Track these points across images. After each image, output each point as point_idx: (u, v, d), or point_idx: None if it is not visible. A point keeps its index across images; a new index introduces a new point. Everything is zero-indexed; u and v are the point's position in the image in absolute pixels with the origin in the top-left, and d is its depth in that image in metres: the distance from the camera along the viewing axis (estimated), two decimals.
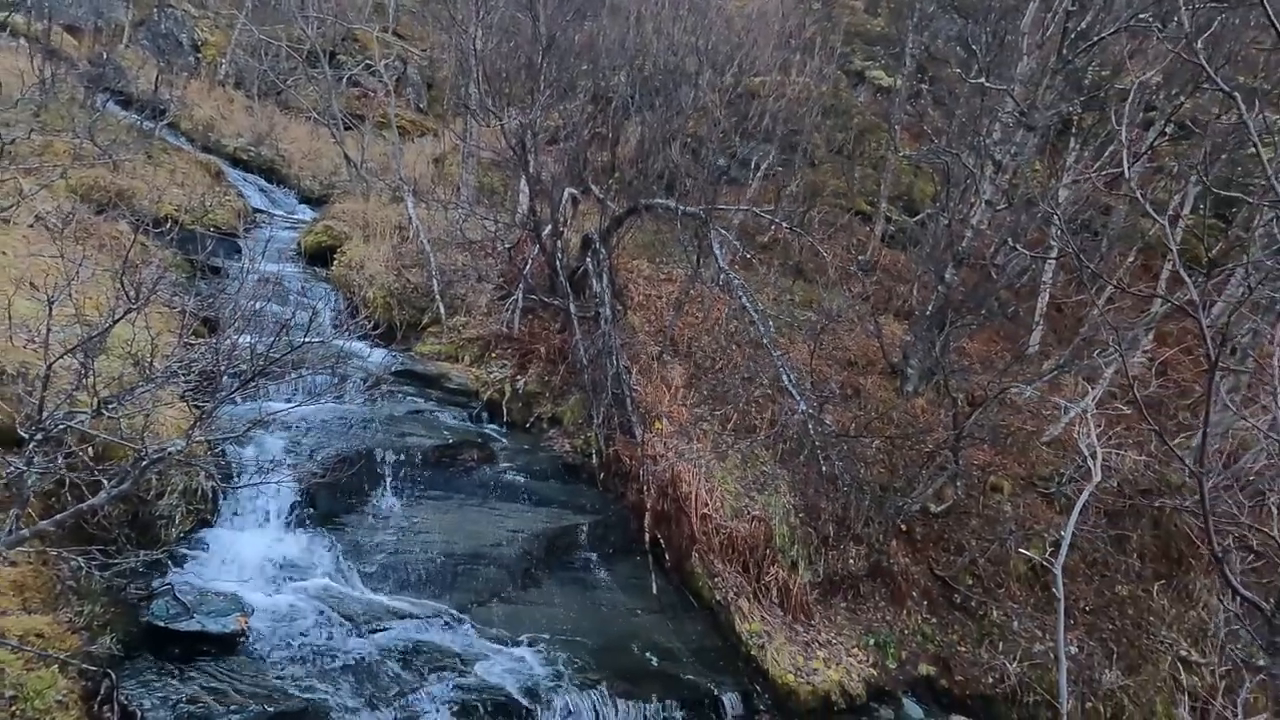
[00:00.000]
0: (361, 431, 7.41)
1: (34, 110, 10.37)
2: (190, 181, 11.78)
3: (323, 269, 11.11)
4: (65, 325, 4.72)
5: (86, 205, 9.10)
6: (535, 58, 10.50)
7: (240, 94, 17.83)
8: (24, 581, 4.67)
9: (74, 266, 4.37)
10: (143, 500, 5.59)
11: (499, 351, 9.66)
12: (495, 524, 7.11)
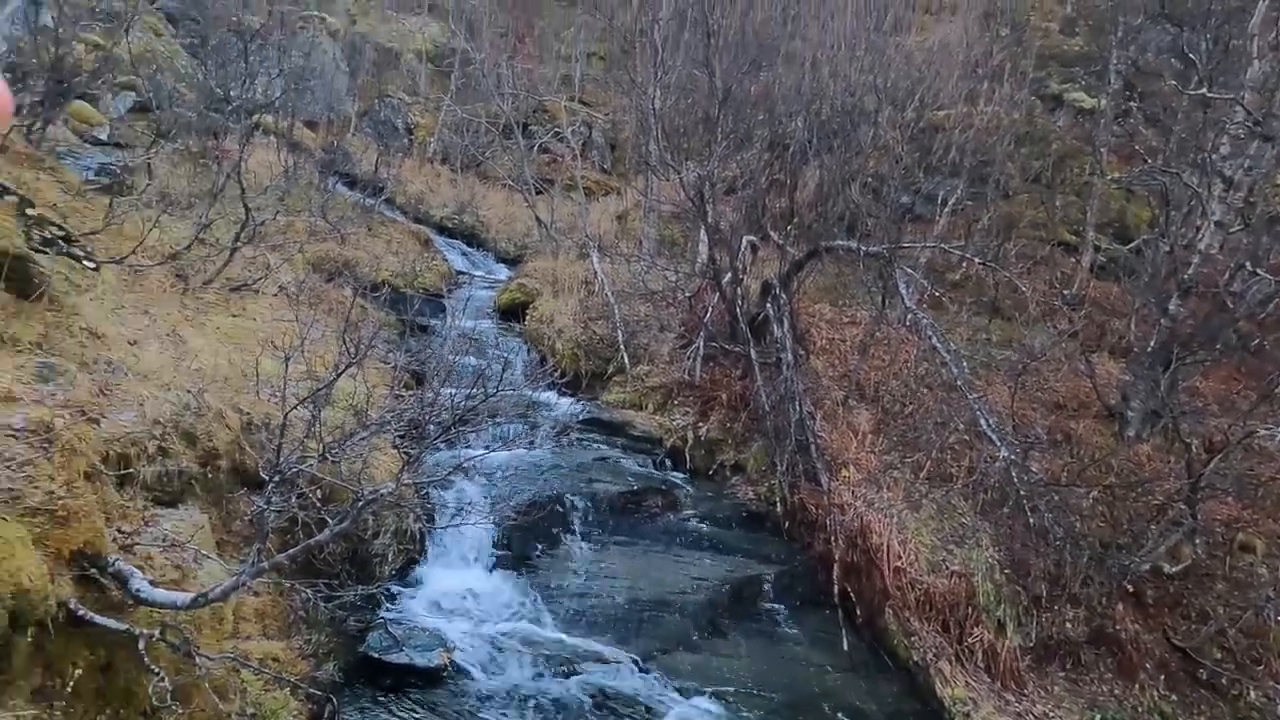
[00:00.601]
0: (552, 477, 7.72)
1: (280, 195, 11.93)
2: (403, 249, 13.03)
3: (516, 324, 11.83)
4: (299, 380, 5.31)
5: (318, 274, 10.29)
6: (712, 111, 10.74)
7: (446, 168, 19.59)
8: (264, 610, 5.22)
9: (306, 329, 4.93)
10: (361, 539, 6.11)
11: (681, 399, 9.78)
12: (680, 571, 7.12)
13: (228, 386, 5.73)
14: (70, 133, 12.40)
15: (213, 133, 12.31)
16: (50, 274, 5.41)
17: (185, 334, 6.39)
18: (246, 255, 8.46)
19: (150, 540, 4.24)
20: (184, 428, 5.09)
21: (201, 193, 9.37)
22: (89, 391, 4.69)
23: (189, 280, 7.59)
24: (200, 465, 5.10)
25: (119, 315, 5.97)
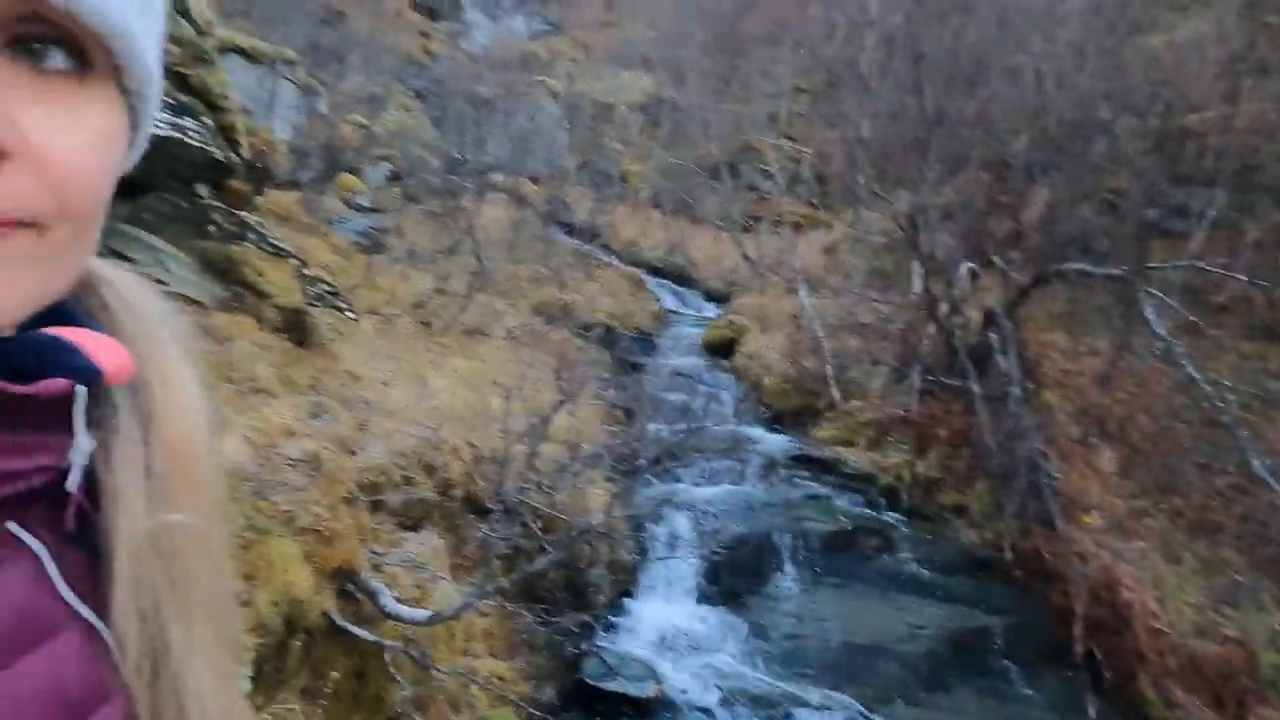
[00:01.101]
0: (761, 514, 7.67)
1: (507, 246, 13.00)
2: (617, 291, 13.67)
3: (724, 360, 11.96)
4: (521, 416, 5.74)
5: (540, 318, 11.06)
6: (921, 135, 10.35)
7: (657, 212, 20.35)
8: (491, 631, 5.63)
9: (527, 368, 5.33)
10: (577, 568, 6.42)
11: (896, 435, 9.36)
12: (896, 616, 6.77)
13: (462, 423, 6.31)
14: (339, 201, 14.30)
15: (451, 193, 13.71)
16: (320, 324, 6.27)
17: (427, 375, 7.12)
18: (479, 302, 9.29)
19: (396, 561, 4.73)
20: (425, 460, 5.66)
21: (441, 248, 10.44)
22: (349, 427, 5.36)
23: (431, 326, 8.46)
24: (438, 494, 5.64)
25: (373, 359, 6.77)
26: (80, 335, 0.51)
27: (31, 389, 0.44)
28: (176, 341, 0.59)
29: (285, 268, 6.30)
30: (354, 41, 20.11)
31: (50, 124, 0.40)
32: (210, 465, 0.58)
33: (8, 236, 0.40)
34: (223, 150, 5.58)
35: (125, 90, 0.45)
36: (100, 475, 0.53)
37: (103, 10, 0.40)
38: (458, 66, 24.74)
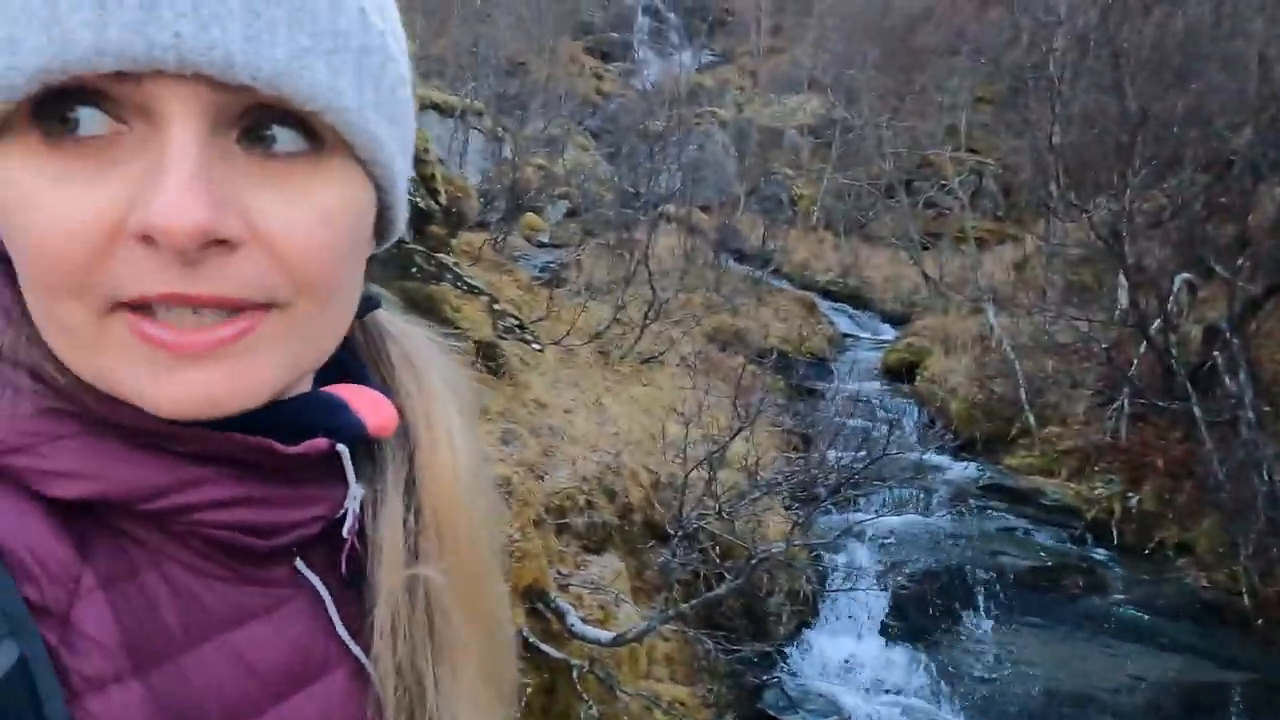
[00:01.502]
0: (949, 547, 7.26)
1: (680, 275, 13.23)
2: (789, 316, 13.52)
3: (904, 384, 11.48)
4: (698, 443, 5.80)
5: (713, 344, 11.14)
6: (1124, 138, 9.53)
7: (829, 234, 19.99)
8: (672, 656, 5.69)
9: (702, 395, 5.40)
10: (756, 596, 6.36)
11: (1103, 464, 8.58)
12: (1109, 665, 6.16)
13: (640, 449, 6.47)
14: (522, 239, 15.17)
15: (626, 226, 14.16)
16: (509, 356, 6.67)
17: (606, 403, 7.37)
18: (654, 331, 9.50)
19: (580, 582, 4.91)
20: (606, 484, 5.84)
21: (617, 279, 10.80)
22: (536, 452, 5.65)
23: (609, 355, 8.75)
24: (618, 518, 5.80)
25: (557, 388, 7.10)
26: (352, 391, 0.53)
27: (297, 449, 0.47)
28: (451, 395, 0.61)
29: (478, 304, 6.77)
30: (534, 89, 21.37)
31: (279, 206, 0.42)
32: (477, 518, 0.59)
33: (256, 323, 0.42)
34: (423, 199, 6.11)
35: (362, 161, 0.45)
36: (367, 523, 0.55)
37: (309, 91, 0.40)
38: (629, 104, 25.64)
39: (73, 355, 0.42)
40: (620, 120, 23.70)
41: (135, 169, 0.39)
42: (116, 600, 0.44)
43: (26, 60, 0.36)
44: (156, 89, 0.38)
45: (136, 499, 0.44)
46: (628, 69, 33.52)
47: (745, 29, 34.07)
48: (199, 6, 0.37)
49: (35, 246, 0.40)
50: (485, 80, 17.68)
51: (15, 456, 0.42)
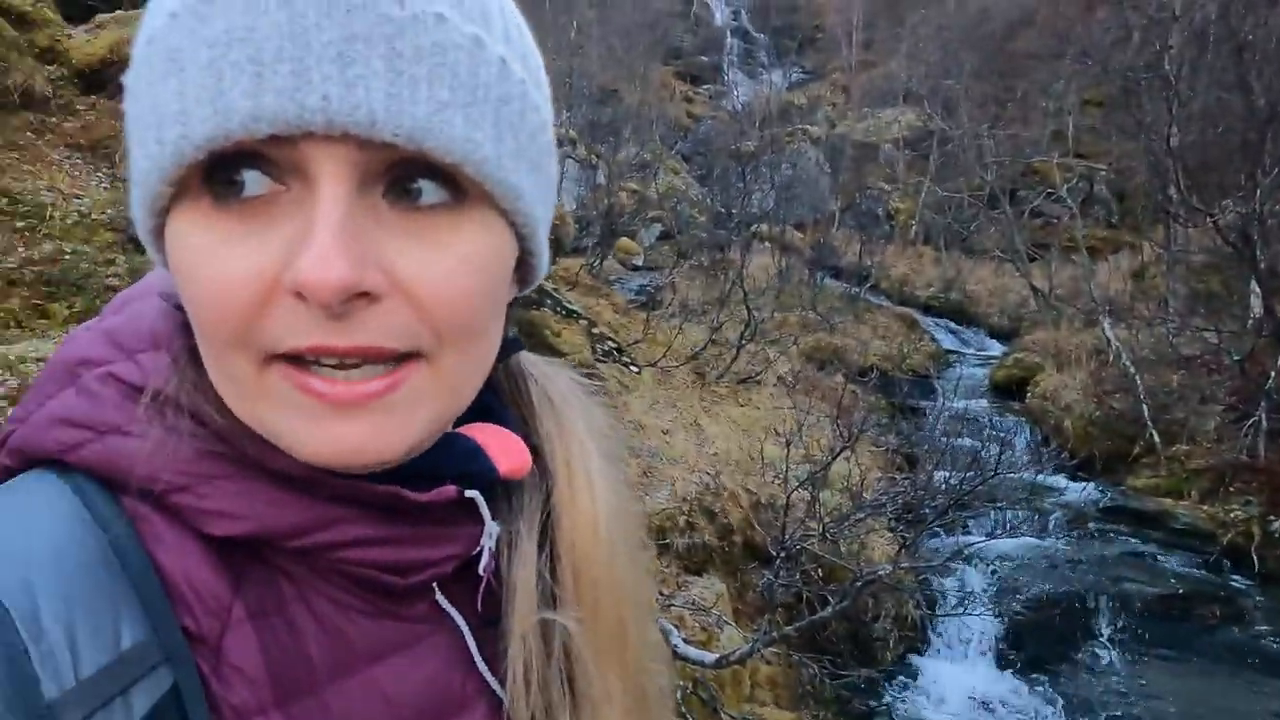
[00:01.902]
0: (1068, 572, 6.90)
1: (775, 294, 13.15)
2: (889, 333, 13.21)
3: (1014, 401, 11.01)
4: (798, 463, 5.74)
5: (811, 364, 10.99)
6: (1250, 136, 8.94)
7: (928, 248, 19.46)
8: (776, 679, 5.61)
9: (801, 415, 5.34)
10: (862, 620, 6.21)
11: (1239, 485, 7.98)
12: (1252, 701, 5.70)
13: (738, 469, 6.44)
14: (617, 263, 15.41)
15: (719, 247, 14.18)
16: (608, 378, 6.78)
17: (704, 423, 7.38)
18: (750, 351, 9.47)
19: (682, 603, 4.92)
20: (705, 505, 5.84)
21: (712, 300, 10.82)
22: (635, 473, 5.71)
23: (705, 376, 8.77)
24: (718, 539, 5.78)
25: (655, 409, 7.16)
26: (487, 434, 0.54)
27: (425, 497, 0.48)
28: (593, 439, 0.61)
29: (576, 328, 6.93)
30: (626, 116, 21.76)
31: (420, 257, 0.43)
32: (619, 566, 0.58)
33: (404, 377, 0.44)
34: None
35: (502, 210, 0.46)
36: (503, 562, 0.56)
37: (447, 145, 0.41)
38: (720, 125, 25.75)
39: (237, 402, 0.45)
40: (712, 142, 23.84)
41: (291, 227, 0.41)
42: (264, 632, 0.46)
43: (195, 130, 0.39)
44: (309, 149, 0.40)
45: (282, 537, 0.46)
46: (718, 91, 33.69)
47: (836, 44, 33.73)
48: (345, 68, 0.38)
49: (204, 302, 0.43)
50: (579, 109, 18.13)
51: (179, 495, 0.46)
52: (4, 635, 0.39)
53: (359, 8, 0.39)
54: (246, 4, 0.39)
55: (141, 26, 0.43)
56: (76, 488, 0.46)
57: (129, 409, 0.47)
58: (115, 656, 0.42)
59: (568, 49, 20.72)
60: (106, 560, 0.44)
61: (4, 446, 0.49)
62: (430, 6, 0.41)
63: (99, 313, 0.56)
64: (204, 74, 0.39)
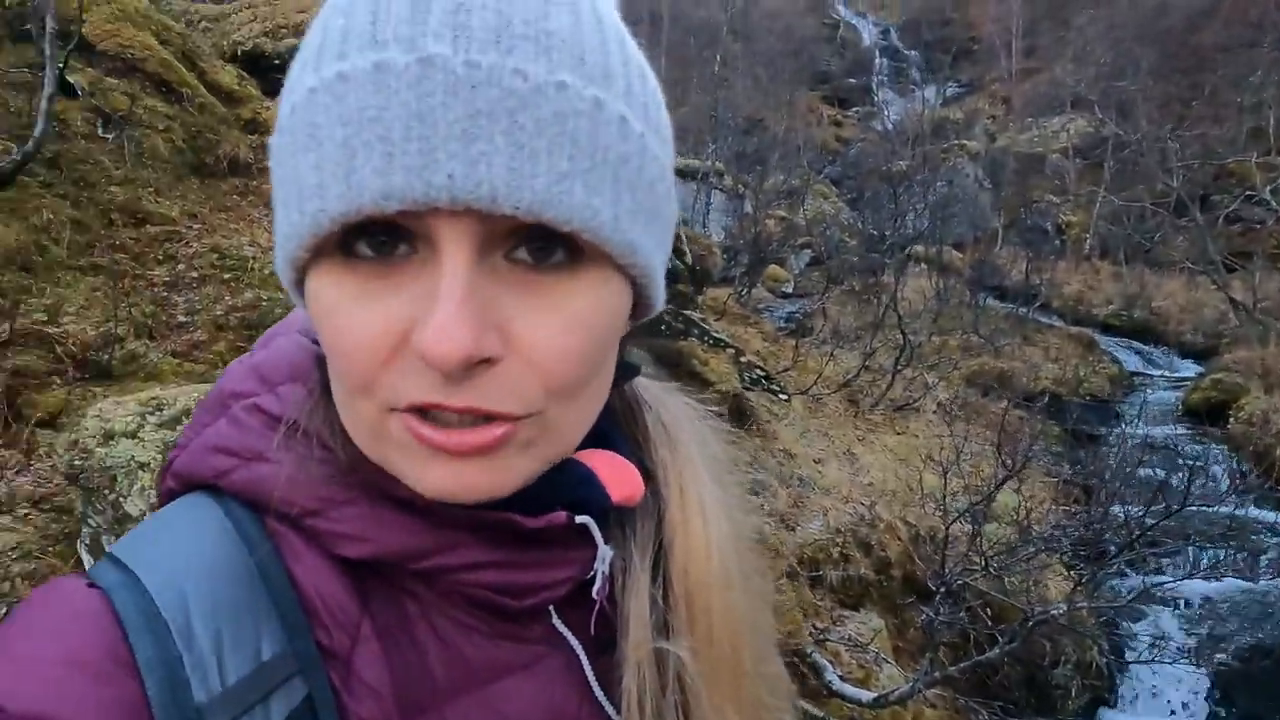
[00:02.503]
0: None
1: (932, 317, 12.61)
2: (1062, 354, 12.32)
3: (1213, 428, 9.93)
4: (958, 494, 5.45)
5: (973, 389, 10.42)
6: None
7: (1105, 263, 18.05)
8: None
9: (961, 442, 5.08)
10: (1037, 665, 5.76)
11: None
12: None
13: (895, 500, 6.19)
14: (766, 291, 15.32)
15: (872, 271, 13.79)
16: (757, 407, 6.73)
17: (857, 452, 7.16)
18: (906, 377, 9.11)
19: (838, 639, 4.77)
20: (860, 537, 5.65)
21: (865, 325, 10.52)
22: (787, 503, 5.62)
23: (859, 404, 8.52)
24: (875, 573, 5.56)
25: (805, 438, 7.03)
26: (601, 460, 0.55)
27: (537, 524, 0.50)
28: (707, 465, 0.61)
29: (724, 357, 6.94)
30: (772, 144, 21.73)
31: (536, 319, 0.44)
32: (733, 594, 0.57)
33: (513, 431, 0.45)
34: (670, 259, 6.43)
35: (619, 266, 0.47)
36: (617, 589, 0.56)
37: (566, 214, 0.42)
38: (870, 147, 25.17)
39: (363, 440, 0.48)
40: (861, 164, 23.33)
41: (416, 289, 0.43)
42: (390, 649, 0.49)
43: (331, 205, 0.41)
44: (434, 221, 0.42)
45: (404, 559, 0.49)
46: (867, 112, 33.02)
47: (994, 54, 32.23)
48: (469, 145, 0.40)
49: (336, 354, 0.46)
50: (724, 141, 18.30)
51: (312, 518, 0.49)
52: (162, 643, 0.44)
53: (483, 84, 0.40)
54: (378, 84, 0.40)
55: (285, 94, 0.46)
56: (227, 510, 0.50)
57: (270, 437, 0.51)
58: (256, 666, 0.45)
59: (712, 82, 20.99)
60: (251, 577, 0.48)
61: (169, 470, 0.55)
62: (552, 75, 0.42)
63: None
64: (339, 151, 0.41)
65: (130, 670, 0.43)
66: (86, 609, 0.45)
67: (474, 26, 0.41)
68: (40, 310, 3.78)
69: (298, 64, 0.46)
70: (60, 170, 4.55)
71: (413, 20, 0.41)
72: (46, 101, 4.35)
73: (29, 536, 2.70)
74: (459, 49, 0.40)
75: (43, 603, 0.47)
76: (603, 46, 0.45)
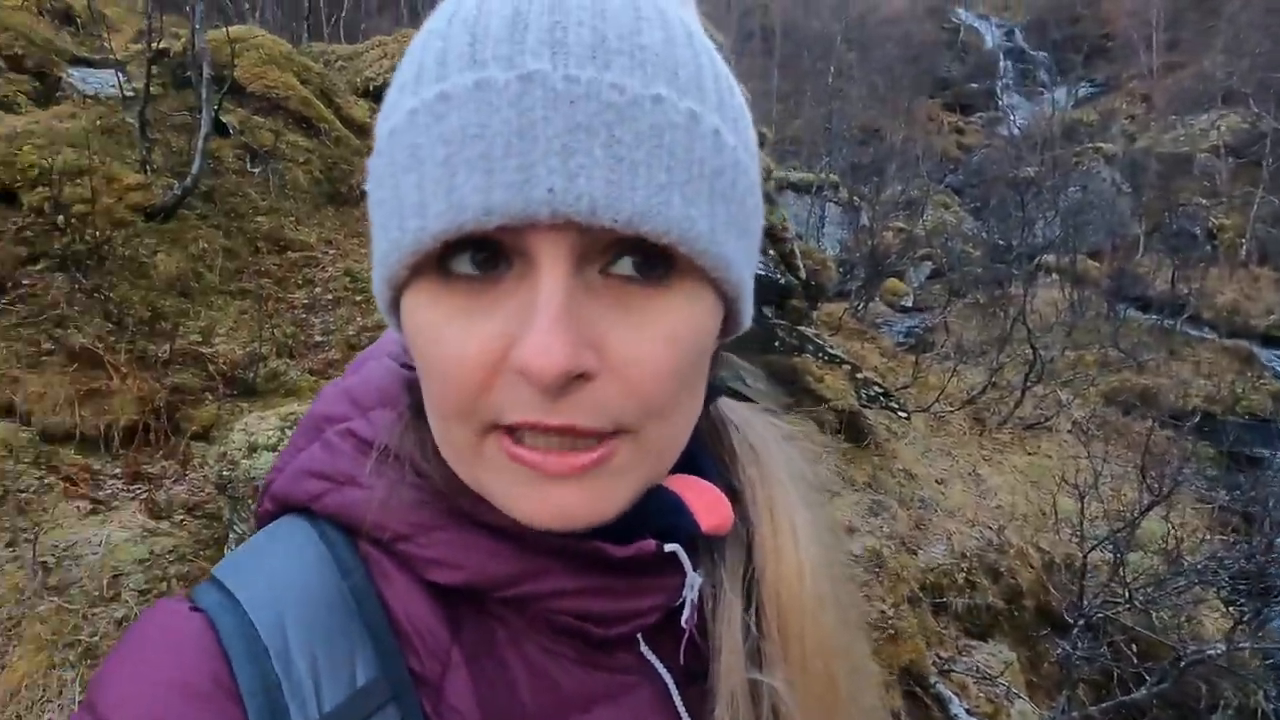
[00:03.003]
0: None
1: (1065, 331, 11.89)
2: (1215, 369, 11.36)
3: None
4: (1097, 519, 5.09)
5: (1113, 407, 9.74)
6: None
7: (1265, 269, 16.55)
8: None
9: (1100, 464, 4.75)
10: (1192, 708, 5.28)
11: None
12: None
13: (1026, 525, 5.85)
14: (884, 305, 14.88)
15: (998, 282, 13.16)
16: (874, 424, 6.53)
17: (983, 473, 6.82)
18: (1036, 394, 8.63)
19: (964, 669, 4.54)
20: (987, 563, 5.37)
21: (991, 339, 10.04)
22: (907, 525, 5.40)
23: (985, 422, 8.12)
24: (1005, 602, 5.26)
25: (927, 457, 6.76)
26: (690, 487, 0.54)
27: (625, 552, 0.49)
28: (796, 486, 0.60)
29: (839, 373, 6.77)
30: (889, 154, 21.17)
31: (628, 336, 0.44)
32: (827, 621, 0.56)
33: (612, 450, 0.45)
34: (784, 275, 6.35)
35: (712, 280, 0.47)
36: (707, 616, 0.55)
37: (664, 226, 0.42)
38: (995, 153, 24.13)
39: (457, 464, 0.48)
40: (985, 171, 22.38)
41: (513, 305, 0.43)
42: (479, 675, 0.49)
43: (432, 223, 0.42)
44: (533, 236, 0.42)
45: (493, 586, 0.49)
46: (992, 117, 31.71)
47: (1131, 50, 30.32)
48: (568, 160, 0.40)
49: (434, 375, 0.46)
50: (839, 153, 17.96)
51: (403, 543, 0.49)
52: (263, 669, 0.45)
53: (582, 98, 0.40)
54: (479, 103, 0.41)
55: (382, 120, 0.47)
56: (322, 533, 0.51)
57: (362, 462, 0.52)
58: (352, 693, 0.46)
59: (826, 93, 20.67)
60: (345, 602, 0.48)
61: (267, 492, 0.56)
62: (648, 89, 0.42)
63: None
64: (440, 170, 0.41)
65: (232, 695, 0.44)
66: (190, 631, 0.47)
67: (571, 43, 0.41)
68: (195, 332, 4.11)
69: (394, 90, 0.46)
70: (214, 203, 4.95)
71: (511, 39, 0.41)
72: (202, 141, 4.76)
73: (184, 541, 2.92)
74: (557, 64, 0.41)
75: (150, 624, 0.48)
76: (694, 60, 0.45)
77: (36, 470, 3.22)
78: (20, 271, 3.95)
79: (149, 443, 3.50)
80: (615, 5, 0.43)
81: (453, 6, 0.45)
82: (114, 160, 4.63)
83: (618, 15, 0.43)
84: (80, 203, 4.20)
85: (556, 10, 0.42)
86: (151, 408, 3.56)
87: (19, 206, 4.20)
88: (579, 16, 0.42)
